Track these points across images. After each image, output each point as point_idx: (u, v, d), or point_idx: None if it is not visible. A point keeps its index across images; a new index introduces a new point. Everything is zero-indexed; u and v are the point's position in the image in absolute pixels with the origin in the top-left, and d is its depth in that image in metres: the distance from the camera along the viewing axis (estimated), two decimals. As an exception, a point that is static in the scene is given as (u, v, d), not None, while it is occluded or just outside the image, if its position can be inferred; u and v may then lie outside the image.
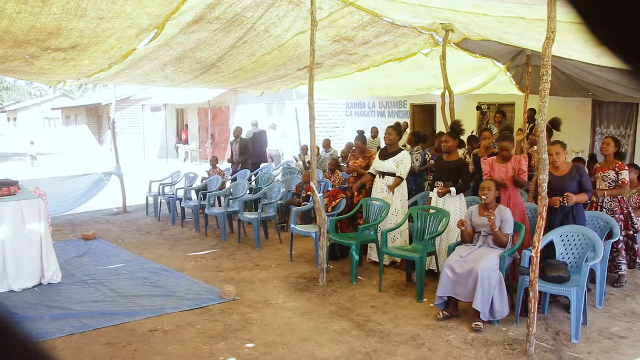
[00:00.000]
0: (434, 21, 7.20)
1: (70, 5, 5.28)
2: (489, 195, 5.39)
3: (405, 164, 7.02)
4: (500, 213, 5.37)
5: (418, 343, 4.76)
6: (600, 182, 6.40)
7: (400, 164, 7.00)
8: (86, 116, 33.40)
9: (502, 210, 5.40)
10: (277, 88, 12.09)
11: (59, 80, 9.41)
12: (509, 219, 5.34)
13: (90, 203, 11.75)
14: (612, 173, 6.27)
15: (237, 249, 8.32)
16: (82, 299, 6.02)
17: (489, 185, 5.45)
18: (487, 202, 5.41)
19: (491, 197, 5.40)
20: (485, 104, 13.11)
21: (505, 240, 5.28)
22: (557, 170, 5.59)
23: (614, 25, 0.55)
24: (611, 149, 6.34)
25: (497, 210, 5.39)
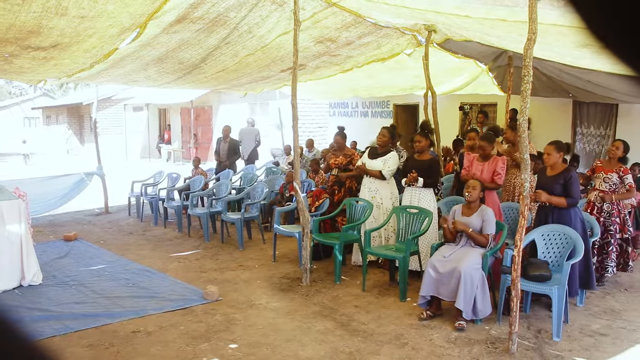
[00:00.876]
0: (416, 22, 7.23)
1: (50, 4, 5.22)
2: (473, 194, 5.44)
3: (390, 164, 7.05)
4: (482, 213, 5.41)
5: (401, 342, 4.78)
6: (601, 183, 6.43)
7: (386, 163, 7.04)
8: (67, 116, 33.05)
9: (485, 210, 5.44)
10: (261, 89, 12.07)
11: (40, 79, 9.31)
12: (490, 219, 5.39)
13: (72, 204, 11.64)
14: (615, 176, 6.30)
15: (221, 250, 8.29)
16: (64, 301, 5.96)
17: (475, 185, 5.50)
18: (470, 201, 5.46)
19: (475, 195, 5.45)
20: (468, 104, 13.19)
21: (484, 241, 5.33)
22: (550, 171, 5.66)
23: (617, 29, 0.56)
24: (620, 152, 6.39)
25: (480, 210, 5.44)
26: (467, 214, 5.49)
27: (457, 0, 5.29)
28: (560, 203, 5.50)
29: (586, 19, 0.58)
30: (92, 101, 13.22)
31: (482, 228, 5.37)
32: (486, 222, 5.37)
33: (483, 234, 5.36)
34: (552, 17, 4.67)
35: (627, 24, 0.55)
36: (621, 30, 0.56)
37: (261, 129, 15.32)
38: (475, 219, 5.41)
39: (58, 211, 11.35)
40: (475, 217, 5.42)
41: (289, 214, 8.88)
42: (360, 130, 14.38)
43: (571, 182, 5.52)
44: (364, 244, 6.58)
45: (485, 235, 5.35)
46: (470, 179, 5.81)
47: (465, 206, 5.57)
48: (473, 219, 5.42)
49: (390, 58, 8.79)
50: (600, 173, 6.44)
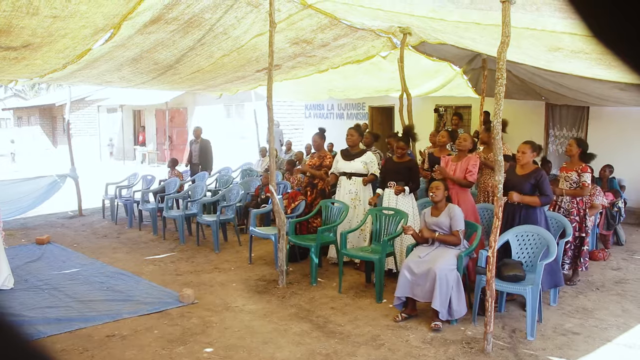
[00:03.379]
0: (392, 25, 7.27)
1: (21, 3, 5.13)
2: (437, 194, 5.50)
3: (374, 164, 7.15)
4: (449, 211, 5.47)
5: (378, 343, 4.79)
6: (562, 182, 6.56)
7: (371, 165, 7.12)
8: (39, 117, 32.59)
9: (452, 208, 5.50)
10: (236, 90, 12.02)
11: (10, 79, 9.16)
12: (457, 215, 5.44)
13: (44, 206, 11.50)
14: (574, 174, 6.42)
15: (196, 252, 8.24)
16: (36, 305, 5.87)
17: (437, 185, 5.57)
18: (436, 201, 5.51)
19: (439, 195, 5.50)
20: (443, 106, 13.31)
21: (455, 240, 5.37)
22: (520, 170, 5.75)
23: (620, 33, 0.57)
24: (574, 150, 6.49)
25: (447, 209, 5.50)
26: (436, 214, 5.55)
27: (432, 4, 5.33)
28: (533, 202, 5.58)
29: (590, 26, 0.59)
30: (65, 102, 13.08)
31: (450, 225, 5.42)
32: (454, 219, 5.42)
33: (452, 230, 5.41)
34: (525, 20, 4.73)
35: (629, 29, 0.56)
36: (623, 35, 0.57)
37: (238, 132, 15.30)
38: (443, 218, 5.47)
39: (30, 214, 11.20)
40: (443, 217, 5.48)
41: (265, 216, 8.86)
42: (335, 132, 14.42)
43: (543, 181, 5.62)
44: (339, 245, 6.59)
45: (455, 233, 5.40)
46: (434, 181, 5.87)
47: (433, 207, 5.63)
48: (442, 219, 5.48)
49: (366, 60, 8.84)
50: (562, 173, 6.59)
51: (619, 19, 0.56)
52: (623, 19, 0.55)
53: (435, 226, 5.51)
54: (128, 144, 26.59)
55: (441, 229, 5.47)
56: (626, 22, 0.55)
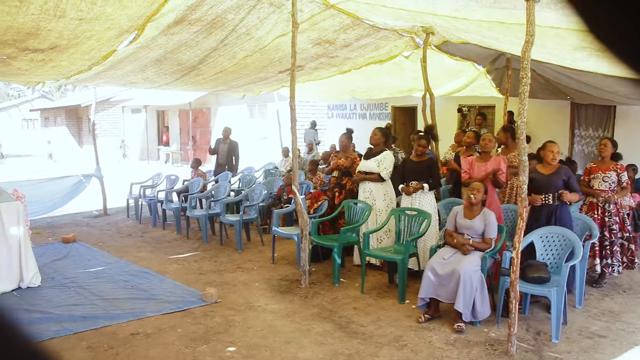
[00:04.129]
0: (414, 24, 7.24)
1: (48, 6, 5.22)
2: (477, 196, 5.41)
3: (386, 164, 7.04)
4: (485, 216, 5.40)
5: (401, 344, 4.78)
6: (600, 183, 6.41)
7: (382, 163, 7.03)
8: (66, 118, 33.03)
9: (488, 214, 5.42)
10: (259, 91, 12.07)
11: (38, 81, 9.31)
12: (493, 223, 5.37)
13: (70, 205, 11.66)
14: (613, 174, 6.31)
15: (219, 252, 8.28)
16: (62, 303, 5.96)
17: (479, 187, 5.47)
18: (474, 203, 5.44)
19: (479, 198, 5.44)
20: (466, 106, 13.21)
21: (487, 247, 5.32)
22: (544, 169, 5.68)
23: (619, 30, 0.56)
24: (609, 150, 6.40)
25: (482, 214, 5.42)
26: (469, 217, 5.47)
27: (455, 3, 5.30)
28: (577, 199, 5.65)
29: (586, 19, 0.58)
30: (91, 103, 13.25)
31: (484, 232, 5.36)
32: (489, 226, 5.35)
33: (485, 238, 5.35)
34: (550, 19, 4.68)
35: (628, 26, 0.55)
36: (623, 33, 0.57)
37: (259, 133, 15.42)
38: (477, 222, 5.39)
39: (56, 213, 11.36)
40: (477, 220, 5.40)
41: (288, 216, 8.88)
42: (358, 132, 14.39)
43: (574, 178, 5.63)
44: (362, 246, 6.58)
45: (487, 240, 5.34)
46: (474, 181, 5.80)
47: (467, 208, 5.54)
48: (475, 222, 5.40)
49: (389, 60, 8.81)
50: (597, 173, 6.44)
51: (618, 18, 0.55)
52: (622, 18, 0.54)
53: (466, 229, 5.44)
54: (152, 144, 26.84)
55: (473, 232, 5.40)
56: (625, 21, 0.55)
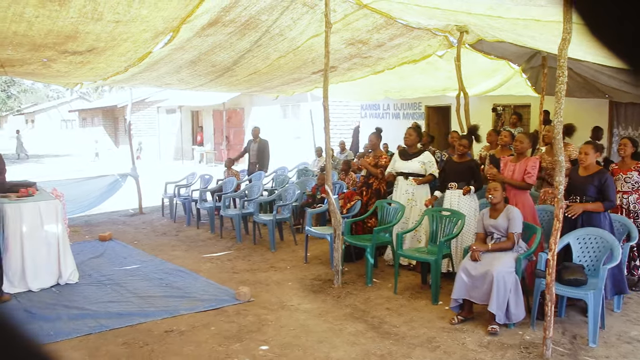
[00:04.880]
0: (448, 23, 7.18)
1: (86, 9, 5.33)
2: (495, 196, 5.38)
3: (433, 164, 7.09)
4: (508, 212, 5.35)
5: (433, 346, 4.75)
6: (622, 184, 6.31)
7: (430, 165, 7.06)
8: (102, 118, 33.69)
9: (510, 210, 5.38)
10: (292, 92, 12.12)
11: (76, 82, 9.51)
12: (516, 217, 5.31)
13: (107, 204, 11.87)
14: (635, 174, 6.19)
15: (253, 251, 8.34)
16: (99, 300, 6.07)
17: (495, 186, 5.45)
18: (494, 203, 5.39)
19: (498, 197, 5.39)
20: (501, 105, 13.05)
21: (510, 245, 5.24)
22: (583, 171, 5.57)
23: (616, 27, 0.55)
24: (629, 149, 6.27)
25: (505, 210, 5.38)
26: (494, 217, 5.44)
27: (490, 1, 5.24)
28: (597, 209, 5.38)
29: (586, 17, 0.58)
30: (127, 103, 13.44)
31: (508, 227, 5.31)
32: (512, 221, 5.30)
33: (508, 233, 5.29)
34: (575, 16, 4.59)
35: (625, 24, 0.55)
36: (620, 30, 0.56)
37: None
38: (501, 220, 5.35)
39: (93, 211, 11.58)
40: (501, 218, 5.36)
41: (321, 215, 8.89)
42: (391, 132, 14.33)
43: (607, 185, 5.39)
44: (395, 246, 6.55)
45: (510, 236, 5.27)
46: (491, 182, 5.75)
47: (491, 209, 5.51)
48: (500, 221, 5.36)
49: (422, 59, 8.75)
50: (619, 175, 6.30)
51: (617, 18, 0.54)
52: (621, 18, 0.54)
53: (493, 228, 5.40)
54: (186, 144, 27.15)
55: (499, 231, 5.36)
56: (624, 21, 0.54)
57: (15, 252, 6.37)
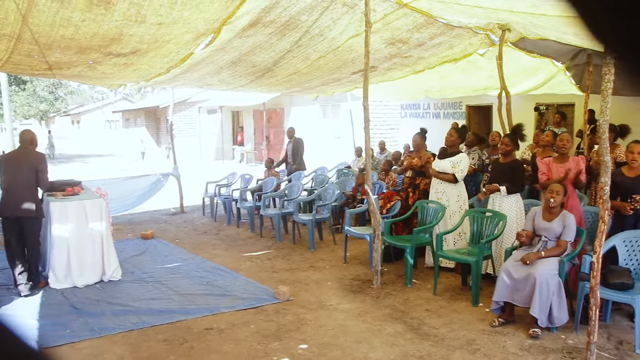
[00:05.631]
0: (490, 21, 7.08)
1: (130, 12, 5.44)
2: (557, 199, 5.22)
3: (462, 167, 6.91)
4: (564, 219, 5.21)
5: (473, 348, 4.69)
6: None
7: (457, 165, 6.91)
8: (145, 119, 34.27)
9: (567, 216, 5.23)
10: (332, 92, 12.12)
11: (120, 84, 9.70)
12: (572, 225, 5.17)
13: (149, 203, 12.08)
14: None
15: (292, 250, 8.38)
16: (141, 297, 6.19)
17: (558, 189, 5.28)
18: (553, 206, 5.26)
19: (559, 200, 5.24)
20: (544, 104, 12.80)
21: (560, 252, 5.12)
22: (631, 171, 5.41)
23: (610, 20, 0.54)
24: None
25: (562, 216, 5.24)
26: (548, 219, 5.29)
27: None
28: None
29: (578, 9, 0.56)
30: (169, 104, 13.65)
31: (562, 234, 5.18)
32: (567, 228, 5.16)
33: (560, 240, 5.16)
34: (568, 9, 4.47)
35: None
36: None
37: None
38: (556, 224, 5.22)
39: (136, 210, 11.80)
40: (556, 223, 5.22)
41: (360, 215, 8.88)
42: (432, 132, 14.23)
43: None
44: (435, 247, 6.49)
45: (561, 243, 5.14)
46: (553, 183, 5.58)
47: (546, 210, 5.36)
48: (554, 225, 5.22)
49: (463, 58, 8.65)
50: None
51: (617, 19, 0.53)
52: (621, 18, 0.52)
53: (544, 231, 5.27)
54: (227, 143, 27.43)
55: (550, 234, 5.23)
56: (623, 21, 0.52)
57: (61, 249, 6.55)
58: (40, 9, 5.16)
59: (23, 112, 33.95)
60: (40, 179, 6.40)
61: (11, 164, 6.43)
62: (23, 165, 6.37)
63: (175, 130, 14.25)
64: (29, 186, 6.32)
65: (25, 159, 6.43)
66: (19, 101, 32.34)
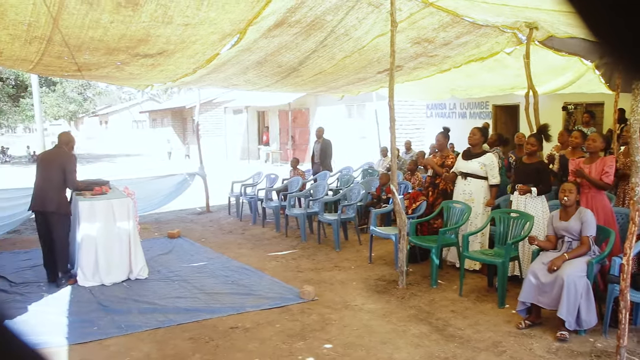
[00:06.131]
0: (517, 20, 7.00)
1: (157, 14, 5.50)
2: (570, 197, 5.18)
3: (495, 168, 6.87)
4: (580, 215, 5.15)
5: (499, 350, 4.64)
6: None
7: (491, 168, 6.85)
8: (171, 119, 34.57)
9: (583, 212, 5.16)
10: (357, 91, 12.11)
11: (147, 84, 9.81)
12: (589, 220, 5.10)
13: (175, 202, 12.19)
14: None
15: (317, 250, 8.38)
16: (167, 295, 6.25)
17: (570, 188, 5.24)
18: (568, 205, 5.20)
19: (572, 199, 5.19)
20: (572, 103, 12.63)
21: (585, 250, 5.04)
22: None
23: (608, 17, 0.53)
24: None
25: (578, 213, 5.18)
26: (565, 219, 5.23)
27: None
28: None
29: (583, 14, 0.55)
30: (195, 104, 13.79)
31: (581, 230, 5.11)
32: (585, 224, 5.09)
33: (582, 236, 5.09)
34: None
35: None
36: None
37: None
38: (573, 222, 5.15)
39: (163, 209, 11.92)
40: (573, 221, 5.16)
41: (386, 215, 8.85)
42: (458, 132, 14.13)
43: None
44: (461, 248, 6.44)
45: (584, 240, 5.07)
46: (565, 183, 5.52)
47: (562, 211, 5.31)
48: (572, 223, 5.16)
49: (490, 57, 8.58)
50: None
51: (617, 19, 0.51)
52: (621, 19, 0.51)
53: (564, 231, 5.21)
54: (252, 143, 27.55)
55: (570, 233, 5.17)
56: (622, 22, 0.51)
57: (90, 247, 6.64)
58: (70, 12, 5.25)
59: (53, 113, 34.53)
60: (67, 178, 6.71)
61: (44, 162, 6.86)
62: (53, 164, 6.74)
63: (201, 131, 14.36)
64: (56, 184, 6.65)
65: (57, 158, 6.80)
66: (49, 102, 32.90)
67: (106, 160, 31.27)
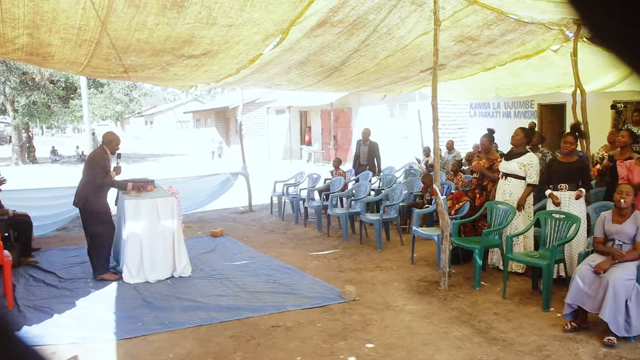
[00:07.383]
0: (564, 16, 6.85)
1: (202, 15, 5.58)
2: (627, 200, 5.00)
3: (534, 168, 6.70)
4: (636, 219, 4.98)
5: (544, 354, 4.54)
6: None
7: (529, 167, 6.69)
8: (215, 119, 34.98)
9: (639, 216, 5.01)
10: (400, 90, 12.02)
11: (191, 85, 9.96)
12: None
13: (218, 202, 12.32)
14: None
15: (359, 250, 8.36)
16: (210, 293, 6.32)
17: (628, 190, 5.06)
18: (624, 207, 5.04)
19: (629, 201, 5.02)
20: (621, 102, 12.28)
21: (637, 256, 4.88)
22: None
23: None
24: None
25: (634, 216, 5.01)
26: (619, 222, 5.07)
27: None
28: None
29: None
30: (238, 105, 13.93)
31: (636, 235, 4.95)
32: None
33: (636, 242, 4.93)
34: None
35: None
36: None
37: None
38: (628, 226, 4.99)
39: (206, 208, 12.07)
40: (628, 225, 5.00)
41: (428, 216, 8.77)
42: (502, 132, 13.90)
43: None
44: (505, 249, 6.34)
45: (638, 246, 4.90)
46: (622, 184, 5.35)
47: (617, 213, 5.13)
48: (626, 227, 5.00)
49: (535, 55, 8.42)
50: None
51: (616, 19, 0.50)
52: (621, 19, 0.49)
53: (616, 234, 5.04)
54: (295, 143, 27.67)
55: (622, 237, 5.01)
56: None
57: (135, 245, 6.78)
58: (118, 15, 5.38)
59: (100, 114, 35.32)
60: (88, 174, 6.94)
61: (86, 160, 7.32)
62: (86, 162, 7.17)
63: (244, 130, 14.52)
64: (84, 181, 6.94)
65: (91, 156, 7.22)
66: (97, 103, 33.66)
67: (151, 160, 31.87)
